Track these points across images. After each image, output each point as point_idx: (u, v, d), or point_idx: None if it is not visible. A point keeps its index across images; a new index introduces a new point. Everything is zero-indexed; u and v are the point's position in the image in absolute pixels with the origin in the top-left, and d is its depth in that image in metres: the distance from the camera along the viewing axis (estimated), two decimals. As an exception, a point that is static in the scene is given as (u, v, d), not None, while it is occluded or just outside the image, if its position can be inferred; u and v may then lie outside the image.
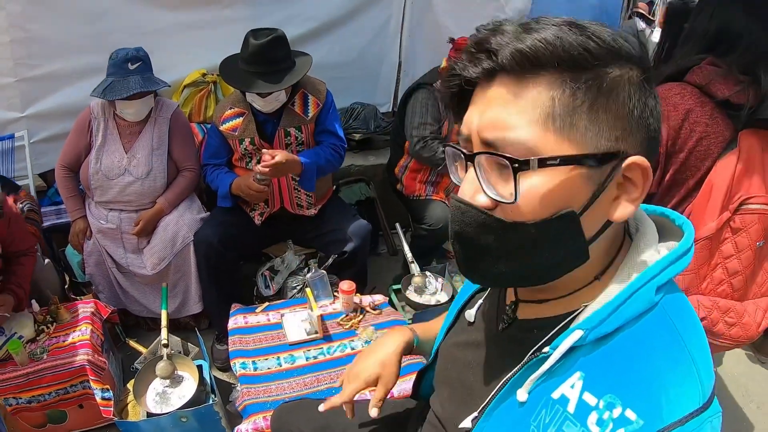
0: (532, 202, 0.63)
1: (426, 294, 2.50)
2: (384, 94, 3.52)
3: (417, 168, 2.79)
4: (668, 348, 0.63)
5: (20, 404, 2.05)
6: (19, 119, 2.81)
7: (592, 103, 0.61)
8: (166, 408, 2.03)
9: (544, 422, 0.66)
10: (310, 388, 1.93)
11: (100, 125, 2.38)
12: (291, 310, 2.21)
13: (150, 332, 2.68)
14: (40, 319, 2.22)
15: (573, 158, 0.61)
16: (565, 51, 0.60)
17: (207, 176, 2.46)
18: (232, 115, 2.35)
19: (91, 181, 2.36)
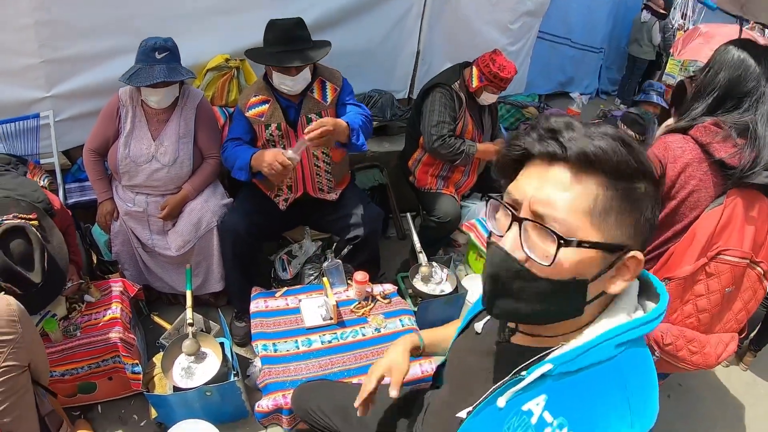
0: (562, 267, 0.81)
1: (432, 283, 2.65)
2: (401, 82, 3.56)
3: (430, 162, 2.90)
4: (612, 393, 0.80)
5: (54, 377, 2.19)
6: (44, 99, 2.85)
7: (622, 207, 0.80)
8: (190, 382, 2.20)
9: (513, 426, 0.84)
10: (324, 369, 2.10)
11: (128, 112, 2.44)
12: (308, 296, 2.36)
13: (171, 306, 2.84)
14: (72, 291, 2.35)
15: (599, 245, 0.80)
16: (615, 162, 0.78)
17: (225, 152, 2.46)
18: (257, 102, 2.41)
19: (119, 166, 2.47)
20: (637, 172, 0.79)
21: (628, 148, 0.78)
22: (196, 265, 2.57)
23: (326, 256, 2.45)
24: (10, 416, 1.37)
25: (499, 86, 2.75)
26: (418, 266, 2.65)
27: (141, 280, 2.67)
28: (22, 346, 1.40)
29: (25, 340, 1.42)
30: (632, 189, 0.79)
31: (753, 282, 1.56)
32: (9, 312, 1.40)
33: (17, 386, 1.39)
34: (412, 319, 2.34)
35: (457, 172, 2.94)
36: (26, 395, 1.44)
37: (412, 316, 2.36)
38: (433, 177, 2.94)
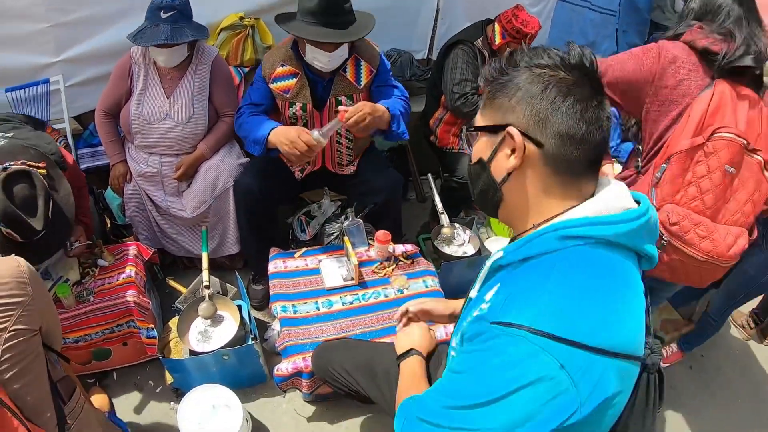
0: (474, 154, 1.00)
1: (454, 245, 2.51)
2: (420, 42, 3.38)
3: (452, 121, 2.75)
4: (534, 277, 0.82)
5: (68, 344, 2.11)
6: (54, 64, 2.74)
7: (491, 96, 0.94)
8: (207, 346, 2.09)
9: (473, 310, 0.91)
10: (345, 331, 1.98)
11: (140, 70, 2.32)
12: (328, 256, 2.23)
13: (186, 270, 2.73)
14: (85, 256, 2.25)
15: (478, 128, 0.97)
16: (487, 71, 0.98)
17: (240, 118, 2.25)
18: (284, 74, 2.18)
19: (132, 125, 2.35)
20: (499, 69, 0.91)
21: (498, 59, 0.93)
22: (211, 227, 2.45)
23: (347, 216, 2.31)
24: (19, 382, 1.26)
25: (523, 42, 2.57)
26: (440, 228, 2.51)
27: (156, 243, 2.56)
28: (32, 309, 1.29)
29: (36, 303, 1.31)
30: (498, 82, 0.90)
31: (755, 172, 1.60)
32: (19, 273, 1.29)
33: (28, 350, 1.28)
34: (435, 281, 2.21)
35: None
36: (37, 360, 1.32)
37: (435, 278, 2.22)
38: (455, 137, 2.78)
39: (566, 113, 0.83)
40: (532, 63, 0.87)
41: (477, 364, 0.80)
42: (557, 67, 0.85)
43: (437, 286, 2.18)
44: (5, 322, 1.21)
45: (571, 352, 0.72)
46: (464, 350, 0.88)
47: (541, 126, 0.85)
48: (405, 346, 1.37)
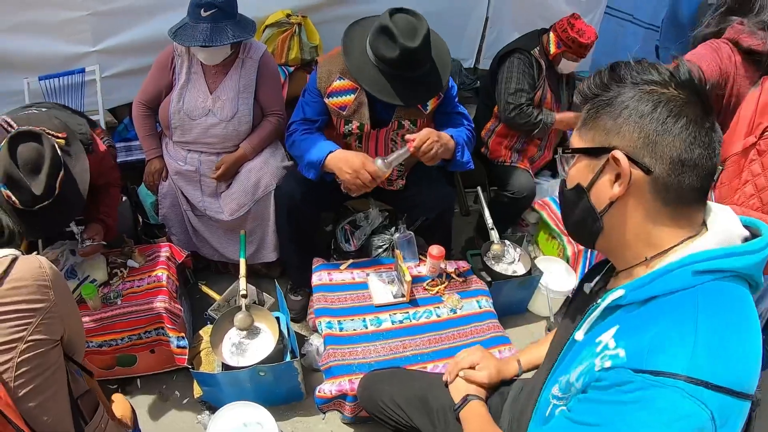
0: (570, 179, 0.90)
1: (503, 263, 2.33)
2: (468, 50, 3.25)
3: (504, 133, 2.57)
4: (679, 318, 0.72)
5: (91, 348, 1.94)
6: (90, 53, 2.62)
7: (593, 115, 0.84)
8: (242, 359, 1.92)
9: (582, 357, 0.83)
10: (395, 353, 1.79)
11: (183, 63, 2.17)
12: (376, 270, 2.05)
13: (219, 275, 2.56)
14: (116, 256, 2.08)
15: (578, 150, 0.88)
16: (585, 88, 0.88)
17: (292, 135, 2.03)
18: (341, 89, 1.95)
19: (171, 120, 2.18)
20: (601, 85, 0.82)
21: (599, 73, 0.84)
22: (250, 232, 2.27)
23: (398, 227, 2.13)
24: (36, 399, 1.08)
25: (579, 53, 2.41)
26: (489, 244, 2.33)
27: (189, 245, 2.38)
28: (54, 317, 1.11)
29: (59, 310, 1.13)
30: (600, 99, 0.82)
31: None
32: (40, 275, 1.10)
33: (46, 364, 1.11)
34: (489, 301, 2.02)
35: (533, 145, 2.61)
36: (56, 374, 1.14)
37: (489, 298, 2.04)
38: (508, 149, 2.60)
39: (678, 136, 0.75)
40: (639, 79, 0.79)
41: (618, 417, 0.71)
42: (667, 84, 0.77)
43: (490, 307, 2.00)
44: (22, 331, 1.03)
45: (722, 400, 0.67)
46: (593, 399, 0.78)
47: (650, 150, 0.77)
48: (460, 393, 1.30)
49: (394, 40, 1.70)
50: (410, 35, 1.70)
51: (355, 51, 1.83)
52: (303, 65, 2.74)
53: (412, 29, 1.71)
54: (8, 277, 1.04)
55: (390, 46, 1.72)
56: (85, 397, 1.28)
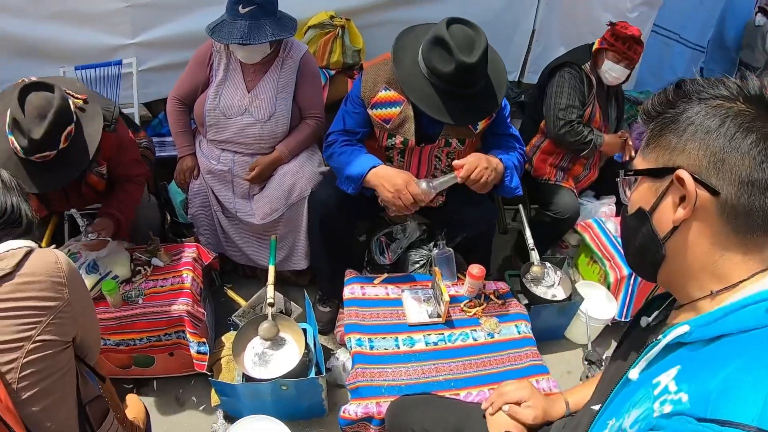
0: (631, 203, 0.82)
1: (542, 286, 2.18)
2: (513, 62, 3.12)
3: (550, 150, 2.44)
4: (751, 361, 0.63)
5: (108, 345, 1.86)
6: (128, 46, 2.58)
7: (657, 134, 0.78)
8: (264, 371, 1.82)
9: (638, 400, 0.72)
10: (427, 377, 1.66)
11: (222, 60, 2.09)
12: (411, 287, 1.92)
13: (246, 279, 2.46)
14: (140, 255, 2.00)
15: (640, 171, 0.80)
16: (649, 106, 0.82)
17: (332, 147, 1.91)
18: (386, 100, 1.80)
19: (206, 117, 2.10)
20: (667, 103, 0.76)
21: (664, 91, 0.78)
22: (281, 238, 2.16)
23: (436, 243, 2.00)
24: (40, 404, 0.98)
25: (622, 51, 2.24)
26: (529, 265, 2.18)
27: (217, 247, 2.28)
28: (66, 317, 1.02)
29: (73, 310, 1.03)
30: (664, 117, 0.76)
31: None
32: (55, 271, 1.01)
33: (55, 366, 1.01)
34: (528, 326, 1.88)
35: (579, 164, 2.46)
36: (65, 378, 1.04)
37: (528, 323, 1.89)
38: (552, 167, 2.46)
39: (748, 153, 0.67)
40: (706, 94, 0.72)
41: None
42: (735, 99, 0.70)
43: (529, 333, 1.85)
44: (30, 330, 0.95)
45: None
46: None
47: (717, 169, 0.69)
48: (500, 428, 1.21)
49: (451, 54, 1.55)
50: (468, 49, 1.56)
51: (406, 61, 1.69)
52: (344, 69, 2.65)
53: (470, 43, 1.57)
54: (20, 271, 0.96)
55: (445, 59, 1.58)
56: (95, 403, 1.17)
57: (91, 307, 1.20)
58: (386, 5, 2.65)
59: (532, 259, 2.17)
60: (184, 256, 2.05)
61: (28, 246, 1.01)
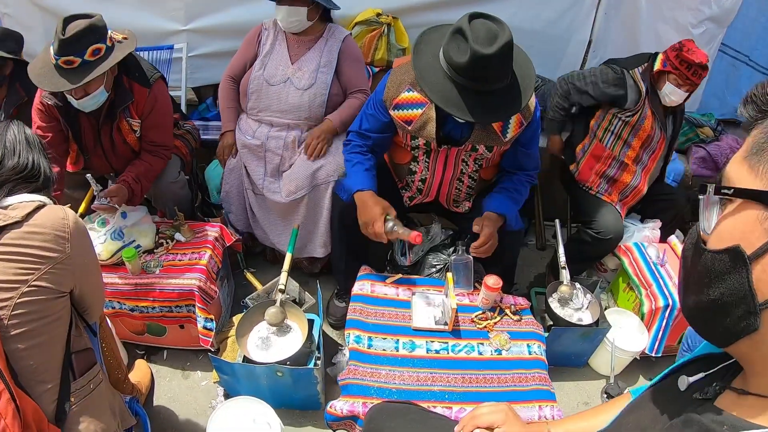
0: (719, 233, 0.58)
1: (569, 308, 2.00)
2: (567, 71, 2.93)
3: (598, 155, 2.26)
4: None
5: (122, 309, 1.89)
6: (181, 32, 2.62)
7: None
8: (266, 354, 1.76)
9: None
10: (422, 384, 1.55)
11: (269, 36, 2.16)
12: (423, 290, 1.81)
13: (271, 265, 2.44)
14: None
15: (746, 192, 0.55)
16: None
17: (347, 147, 1.91)
18: (409, 102, 1.71)
19: (250, 85, 2.12)
20: None
21: None
22: (302, 222, 2.13)
23: (456, 249, 1.88)
24: (26, 343, 1.04)
25: (685, 76, 2.03)
26: (557, 284, 2.01)
27: (245, 225, 2.30)
28: (64, 269, 1.08)
29: (71, 264, 1.09)
30: None
31: None
32: (61, 226, 1.08)
33: (45, 311, 1.06)
34: (542, 348, 1.71)
35: (627, 172, 2.25)
36: (55, 324, 1.09)
37: (543, 344, 1.73)
38: (597, 176, 2.28)
39: None
40: None
41: None
42: None
43: (542, 355, 1.69)
44: (28, 274, 1.02)
45: None
46: None
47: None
48: None
49: (467, 43, 1.43)
50: (486, 41, 1.42)
51: (427, 55, 1.57)
52: (388, 67, 2.58)
53: (490, 36, 1.43)
54: (29, 221, 1.04)
55: (461, 49, 1.45)
56: (83, 354, 1.21)
57: (95, 267, 1.25)
58: (434, 6, 2.55)
59: (562, 278, 2.00)
60: (207, 234, 2.05)
61: (41, 201, 1.10)
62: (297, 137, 2.13)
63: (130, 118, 1.93)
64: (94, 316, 1.29)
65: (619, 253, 2.24)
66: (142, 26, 2.48)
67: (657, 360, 2.11)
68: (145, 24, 2.51)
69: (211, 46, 2.66)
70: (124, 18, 2.47)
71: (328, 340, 2.14)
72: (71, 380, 1.14)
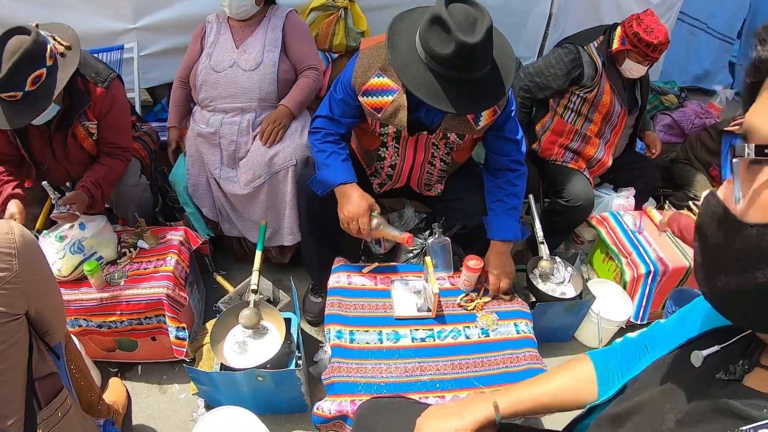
0: None
1: (551, 282, 1.93)
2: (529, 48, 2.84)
3: (560, 130, 2.18)
4: None
5: (90, 327, 1.74)
6: (130, 30, 2.45)
7: None
8: (244, 359, 1.64)
9: None
10: (410, 375, 1.44)
11: (213, 28, 2.08)
12: (402, 277, 1.70)
13: (240, 265, 2.29)
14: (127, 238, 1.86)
15: None
16: None
17: (316, 135, 1.70)
18: (379, 88, 1.57)
19: (198, 77, 2.02)
20: None
21: None
22: (265, 212, 2.00)
23: (432, 231, 1.77)
24: None
25: (645, 54, 1.95)
26: (537, 260, 1.94)
27: (216, 216, 2.16)
28: (14, 289, 0.94)
29: (24, 281, 0.96)
30: None
31: None
32: (6, 241, 0.95)
33: (1, 338, 0.94)
34: (529, 326, 1.63)
35: (591, 146, 2.18)
36: (12, 351, 0.96)
37: (530, 322, 1.64)
38: (561, 148, 2.20)
39: None
40: None
41: None
42: None
43: (530, 333, 1.61)
44: None
45: None
46: None
47: None
48: None
49: (450, 34, 1.30)
50: (469, 28, 1.31)
51: (402, 46, 1.43)
52: (348, 52, 2.45)
53: (471, 22, 1.32)
54: None
55: (444, 40, 1.32)
56: (47, 379, 1.06)
57: (50, 283, 1.10)
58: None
59: (541, 253, 1.92)
60: (172, 239, 1.90)
61: None
62: (251, 120, 2.00)
63: (87, 122, 1.78)
64: (56, 337, 1.15)
65: (595, 223, 2.18)
66: (90, 28, 2.31)
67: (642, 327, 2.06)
68: (93, 25, 2.33)
69: (162, 43, 2.49)
70: (71, 21, 2.24)
71: (308, 339, 2.02)
72: (37, 411, 1.01)
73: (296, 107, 2.01)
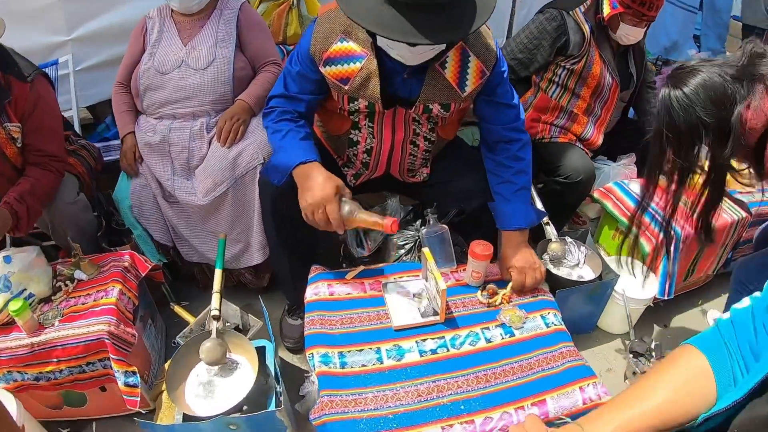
0: None
1: (565, 266, 1.56)
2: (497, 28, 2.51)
3: (544, 107, 1.83)
4: None
5: (26, 380, 1.32)
6: (65, 43, 2.09)
7: None
8: (210, 404, 1.23)
9: None
10: (425, 400, 1.04)
11: (155, 24, 1.72)
12: (395, 279, 1.30)
13: (205, 292, 1.82)
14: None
15: None
16: None
17: (270, 116, 1.37)
18: (344, 54, 1.24)
19: (140, 80, 1.66)
20: None
21: None
22: (230, 223, 1.58)
23: (426, 220, 1.37)
24: None
25: (641, 14, 1.63)
26: (546, 243, 1.57)
27: (169, 239, 1.72)
28: None
29: None
30: None
31: None
32: None
33: None
34: (558, 317, 1.25)
35: (578, 124, 1.84)
36: None
37: (558, 312, 1.26)
38: (546, 124, 1.86)
39: None
40: None
41: None
42: None
43: (561, 325, 1.23)
44: None
45: None
46: None
47: None
48: None
49: None
50: None
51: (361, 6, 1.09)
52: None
53: None
54: None
55: None
56: None
57: None
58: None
59: (549, 235, 1.56)
60: (114, 266, 1.47)
61: None
62: (204, 124, 1.61)
63: (9, 123, 1.40)
64: None
65: (599, 197, 1.82)
66: (20, 44, 1.91)
67: (665, 305, 1.71)
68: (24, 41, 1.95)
69: (99, 55, 2.14)
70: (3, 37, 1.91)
71: (290, 369, 1.58)
72: None
73: (256, 102, 1.64)
